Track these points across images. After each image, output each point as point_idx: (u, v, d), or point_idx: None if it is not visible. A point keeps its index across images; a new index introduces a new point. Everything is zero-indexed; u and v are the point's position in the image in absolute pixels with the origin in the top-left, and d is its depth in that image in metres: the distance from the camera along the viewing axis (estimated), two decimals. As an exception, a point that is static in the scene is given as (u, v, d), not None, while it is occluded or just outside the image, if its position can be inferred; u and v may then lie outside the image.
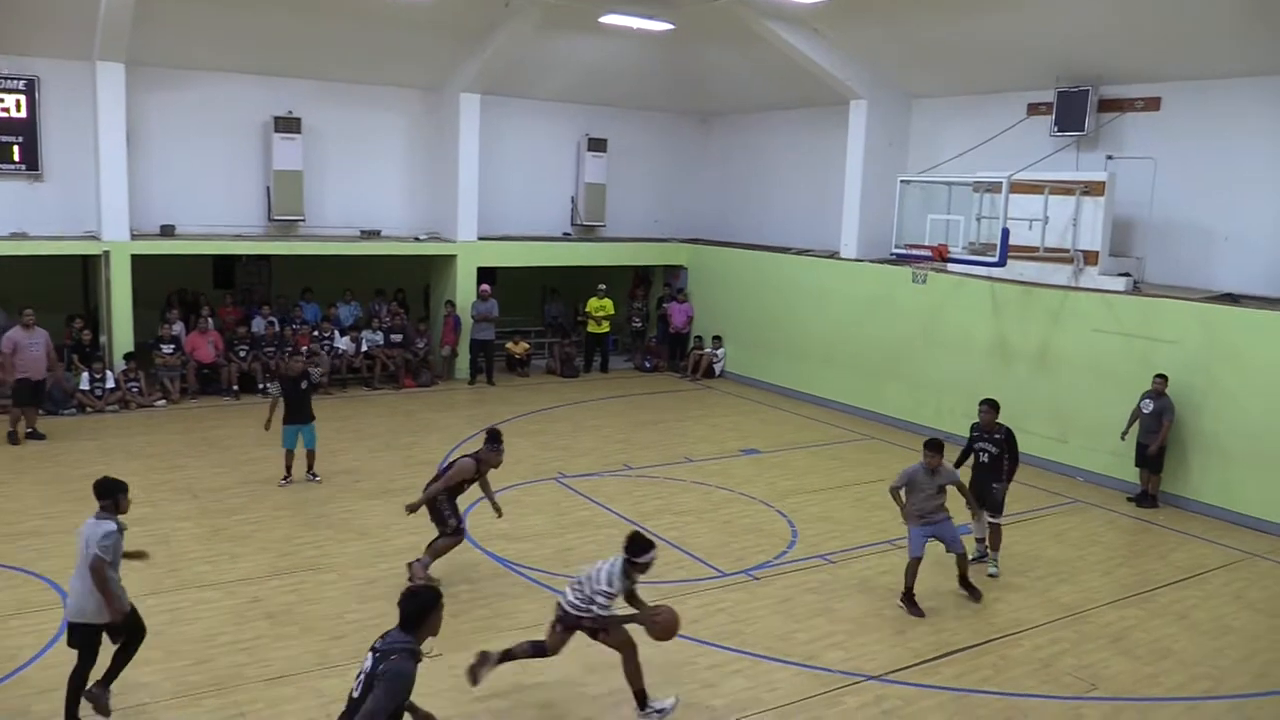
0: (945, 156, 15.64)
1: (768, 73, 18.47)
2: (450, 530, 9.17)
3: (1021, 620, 8.98)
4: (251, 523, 10.63)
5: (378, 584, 9.12)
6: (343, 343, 17.71)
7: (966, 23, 14.34)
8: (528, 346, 20.16)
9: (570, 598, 7.02)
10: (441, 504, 9.14)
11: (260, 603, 8.63)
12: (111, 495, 6.50)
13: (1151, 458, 12.31)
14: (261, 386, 11.42)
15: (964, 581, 9.39)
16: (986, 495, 9.92)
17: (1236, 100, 12.98)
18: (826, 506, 12.06)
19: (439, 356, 18.82)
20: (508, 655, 7.16)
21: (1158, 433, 12.15)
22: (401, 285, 19.89)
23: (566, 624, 7.05)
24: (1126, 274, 13.44)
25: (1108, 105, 14.26)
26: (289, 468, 12.03)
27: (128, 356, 15.72)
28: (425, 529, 10.55)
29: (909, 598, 9.07)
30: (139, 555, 7.05)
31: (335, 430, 14.60)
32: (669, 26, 16.95)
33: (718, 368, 20.13)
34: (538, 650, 7.15)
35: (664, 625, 6.98)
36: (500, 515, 9.54)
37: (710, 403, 18.08)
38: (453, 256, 18.76)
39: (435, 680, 7.01)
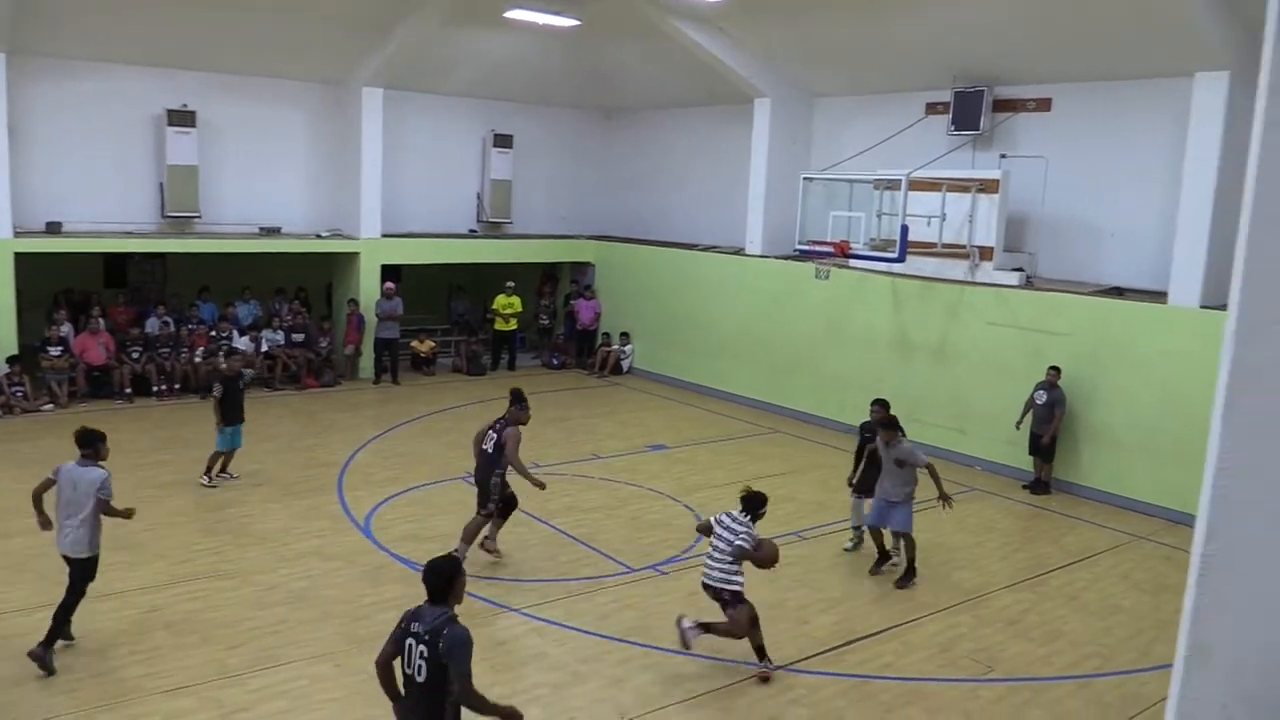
0: (847, 154, 15.94)
1: (674, 70, 18.56)
2: (487, 511, 9.52)
3: (923, 606, 9.21)
4: (147, 529, 10.27)
5: (278, 590, 8.91)
6: (241, 343, 17.22)
7: (867, 24, 14.62)
8: (433, 345, 19.92)
9: (716, 575, 7.73)
10: (498, 482, 9.55)
11: (159, 611, 8.36)
12: (92, 444, 7.46)
13: (1044, 447, 12.76)
14: (215, 391, 11.78)
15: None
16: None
17: (1122, 102, 13.51)
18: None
19: (342, 356, 18.46)
20: (708, 628, 7.77)
21: (1050, 423, 12.60)
22: (303, 283, 19.44)
23: (717, 598, 7.74)
24: (1020, 269, 13.88)
25: (1002, 105, 14.70)
26: (213, 469, 11.88)
27: (11, 360, 15.02)
28: (329, 532, 10.39)
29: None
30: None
31: (234, 432, 14.25)
32: (575, 22, 16.91)
33: (625, 364, 20.18)
34: (727, 632, 7.75)
35: (768, 555, 7.87)
36: (543, 487, 9.71)
37: (618, 399, 18.11)
38: (356, 254, 18.41)
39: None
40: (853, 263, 14.98)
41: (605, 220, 22.20)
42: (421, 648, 4.89)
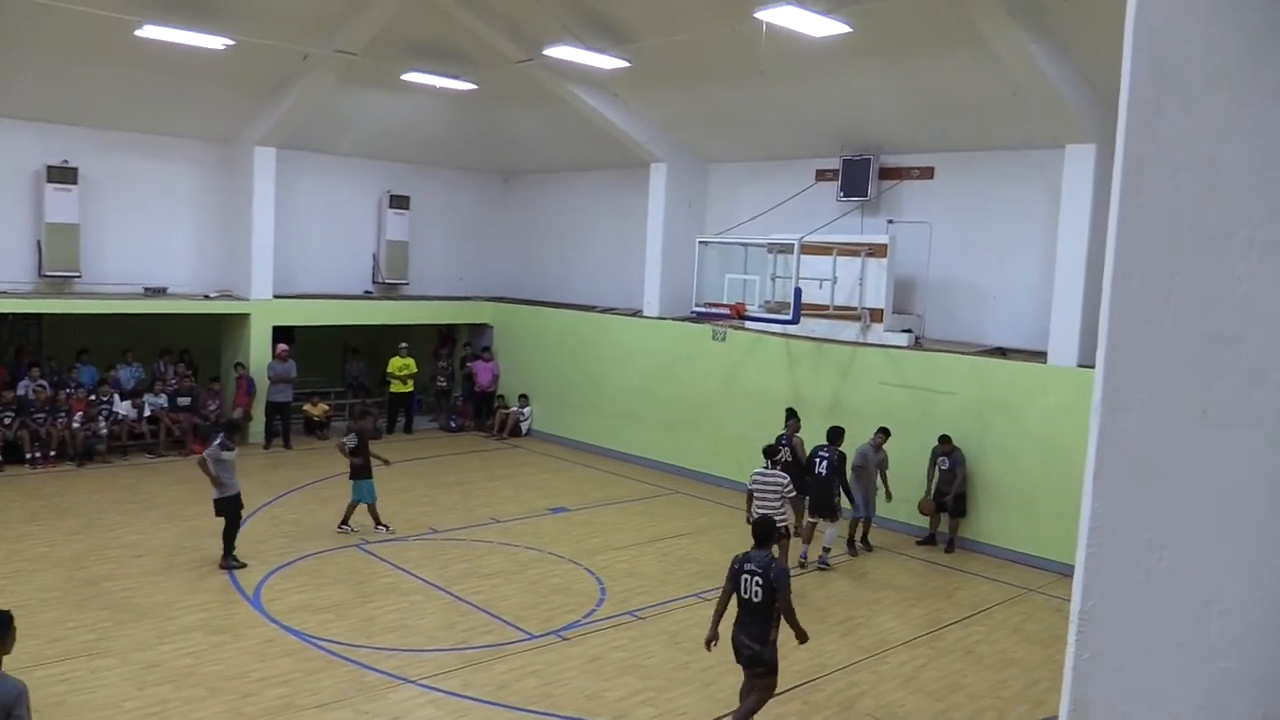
0: (741, 218, 16.31)
1: (570, 134, 18.79)
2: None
3: (823, 665, 9.28)
4: (14, 606, 9.64)
5: (160, 668, 8.48)
6: (123, 407, 16.57)
7: (757, 94, 15.07)
8: (327, 408, 19.47)
9: (768, 510, 10.30)
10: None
11: (23, 695, 7.85)
12: None
13: (952, 503, 13.08)
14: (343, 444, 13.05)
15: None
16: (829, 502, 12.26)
17: (1000, 171, 14.17)
18: (634, 563, 12.14)
19: (231, 420, 17.88)
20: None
21: (953, 484, 13.00)
22: (190, 345, 18.84)
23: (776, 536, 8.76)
24: (909, 330, 14.33)
25: (888, 173, 15.27)
26: (377, 520, 12.85)
27: None
28: (215, 605, 9.97)
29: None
30: None
31: (114, 501, 13.67)
32: (473, 86, 17.02)
33: (525, 426, 20.04)
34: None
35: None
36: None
37: (517, 462, 17.95)
38: (246, 315, 17.97)
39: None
40: (748, 324, 15.27)
41: (503, 282, 22.19)
42: (757, 578, 7.27)
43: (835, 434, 12.60)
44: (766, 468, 11.26)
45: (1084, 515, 2.06)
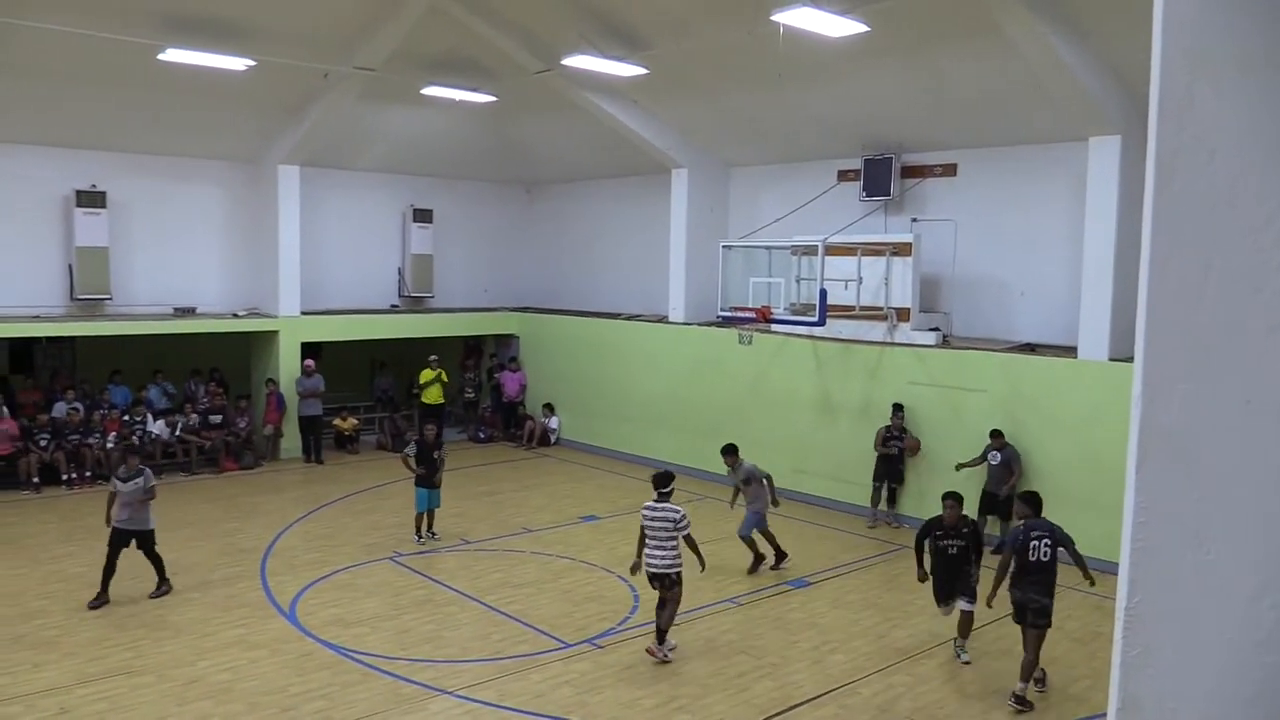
0: (764, 221, 16.28)
1: (590, 143, 18.84)
2: None
3: (859, 668, 9.21)
4: (55, 627, 9.82)
5: (199, 684, 8.55)
6: (156, 427, 16.74)
7: (776, 96, 15.05)
8: (356, 422, 19.59)
9: (663, 560, 9.12)
10: None
11: (68, 714, 7.94)
12: None
13: (1002, 503, 12.79)
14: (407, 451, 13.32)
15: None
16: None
17: (1023, 166, 14.07)
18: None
19: (262, 437, 18.05)
20: (660, 634, 9.15)
21: (1007, 480, 12.72)
22: (220, 363, 19.03)
23: (665, 584, 9.05)
24: (936, 328, 14.24)
25: (910, 171, 15.19)
26: (419, 528, 13.02)
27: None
28: (251, 620, 10.04)
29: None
30: None
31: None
32: (492, 98, 17.10)
33: (553, 435, 20.07)
34: (666, 619, 9.19)
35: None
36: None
37: (546, 471, 17.97)
38: (275, 332, 18.12)
39: None
40: (774, 327, 15.21)
41: (528, 292, 22.26)
42: (1046, 541, 8.33)
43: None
44: (656, 500, 9.34)
45: (1127, 510, 2.03)
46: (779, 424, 15.79)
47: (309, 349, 18.45)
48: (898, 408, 13.95)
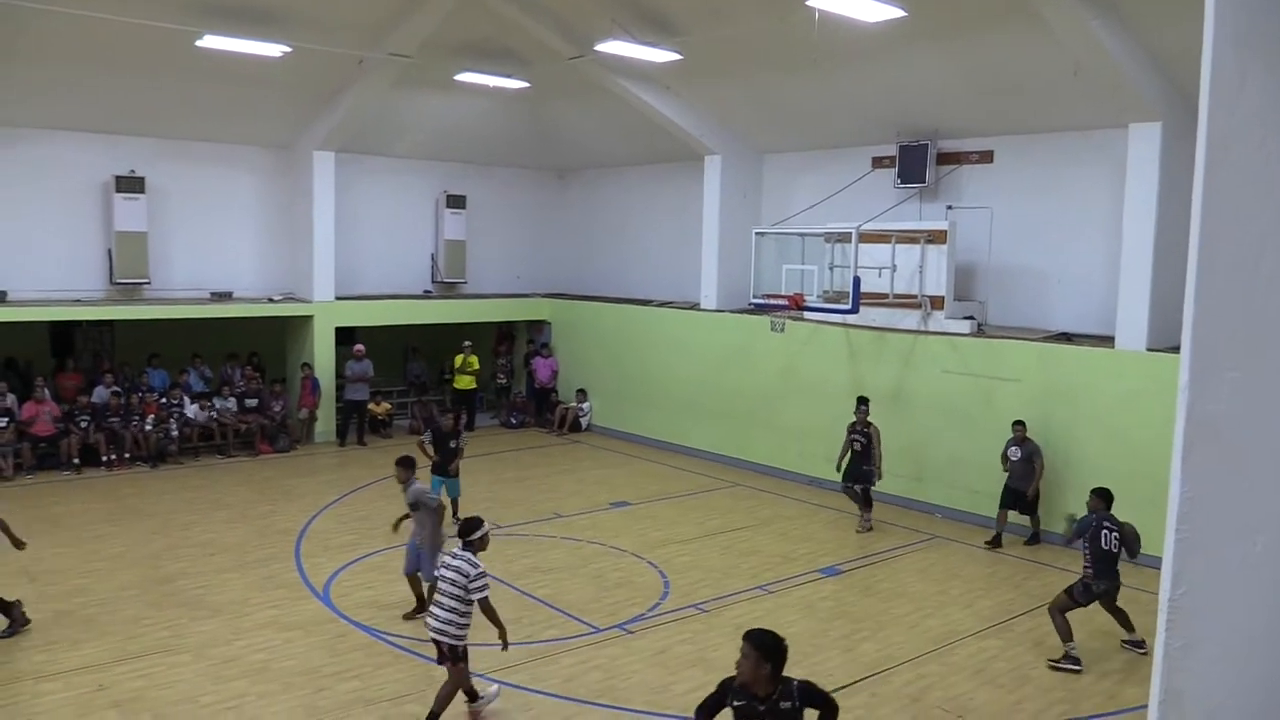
0: (797, 208, 16.18)
1: (623, 129, 18.80)
2: None
3: (891, 656, 9.18)
4: (95, 604, 9.99)
5: (235, 663, 8.67)
6: (193, 410, 16.96)
7: (811, 82, 14.93)
8: (389, 407, 19.75)
9: (437, 621, 7.45)
10: None
11: (106, 691, 8.08)
12: None
13: (1029, 501, 12.64)
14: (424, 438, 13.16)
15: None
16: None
17: (1061, 153, 13.87)
18: (697, 556, 12.12)
19: (297, 420, 18.23)
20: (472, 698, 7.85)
21: (1030, 478, 12.54)
22: (256, 348, 19.23)
23: (440, 653, 7.52)
24: (970, 317, 14.10)
25: (945, 158, 15.03)
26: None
27: (-47, 433, 14.66)
28: (286, 601, 10.16)
29: None
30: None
31: (186, 502, 13.98)
32: (525, 85, 17.10)
33: (584, 421, 20.12)
34: (438, 699, 7.49)
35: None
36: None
37: (578, 457, 18.02)
38: (309, 317, 18.28)
39: None
40: (807, 315, 15.14)
41: (560, 278, 22.29)
42: (1115, 533, 9.15)
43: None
44: (460, 548, 7.60)
45: (1172, 500, 2.00)
46: (811, 412, 15.73)
47: (343, 333, 18.60)
48: (862, 400, 13.44)
